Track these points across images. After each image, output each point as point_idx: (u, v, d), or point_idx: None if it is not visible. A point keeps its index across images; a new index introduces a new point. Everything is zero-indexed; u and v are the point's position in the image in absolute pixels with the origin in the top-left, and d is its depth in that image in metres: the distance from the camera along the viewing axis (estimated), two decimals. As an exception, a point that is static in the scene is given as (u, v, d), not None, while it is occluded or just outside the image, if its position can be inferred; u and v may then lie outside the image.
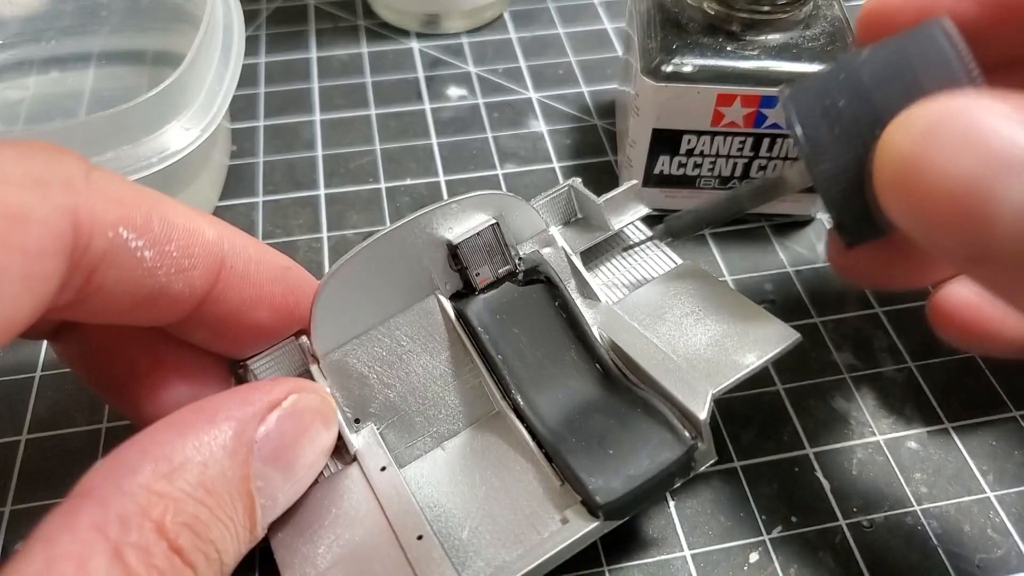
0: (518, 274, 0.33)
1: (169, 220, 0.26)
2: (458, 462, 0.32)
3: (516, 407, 0.31)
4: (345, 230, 0.46)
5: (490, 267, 0.32)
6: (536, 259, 0.33)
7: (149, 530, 0.22)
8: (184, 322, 0.28)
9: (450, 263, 0.32)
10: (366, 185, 0.48)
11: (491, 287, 0.33)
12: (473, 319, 0.32)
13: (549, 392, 0.31)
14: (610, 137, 0.51)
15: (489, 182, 0.48)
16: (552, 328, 0.33)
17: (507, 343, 0.32)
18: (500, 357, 0.32)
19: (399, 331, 0.32)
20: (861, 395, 0.39)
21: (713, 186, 0.44)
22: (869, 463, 0.36)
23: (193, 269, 0.27)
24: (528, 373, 0.32)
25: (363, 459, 0.31)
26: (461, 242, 0.31)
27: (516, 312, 0.32)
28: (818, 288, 0.43)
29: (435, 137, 0.51)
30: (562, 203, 0.36)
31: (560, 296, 0.33)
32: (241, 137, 0.51)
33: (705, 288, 0.34)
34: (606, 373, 0.32)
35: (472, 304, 0.32)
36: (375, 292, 0.31)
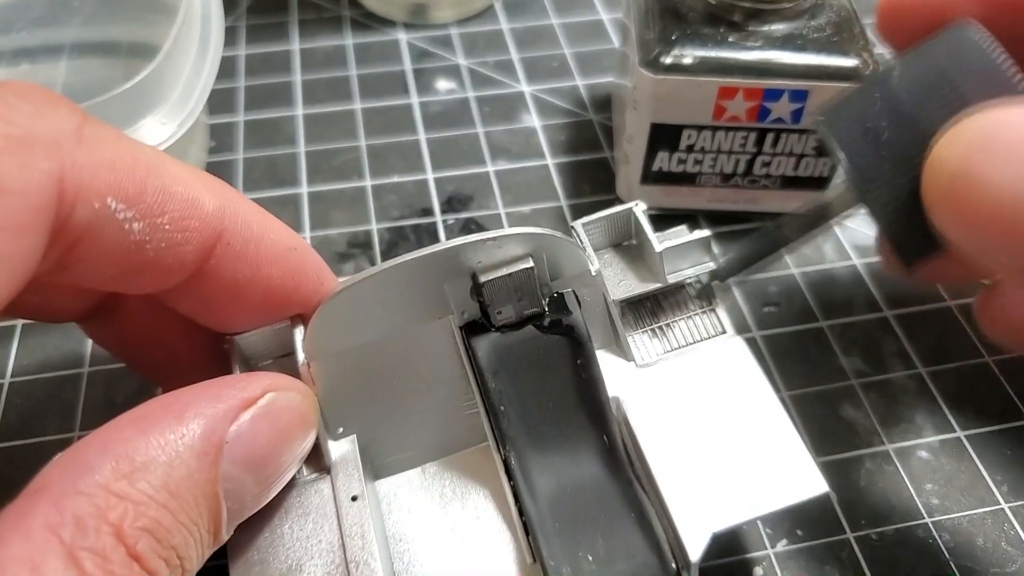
0: (544, 319, 0.31)
1: (165, 188, 0.25)
2: (435, 490, 0.32)
3: (507, 464, 0.30)
4: (328, 229, 0.46)
5: (515, 307, 0.31)
6: (569, 306, 0.32)
7: (107, 534, 0.22)
8: (169, 292, 0.28)
9: (472, 293, 0.31)
10: (350, 182, 0.48)
11: (512, 326, 0.31)
12: (483, 359, 0.31)
13: (545, 456, 0.30)
14: (606, 132, 0.51)
15: (479, 179, 0.48)
16: (566, 385, 0.31)
17: (513, 393, 0.31)
18: (502, 408, 0.30)
19: (402, 348, 0.31)
20: (870, 402, 0.39)
21: (715, 183, 0.44)
22: (878, 473, 0.36)
23: (186, 244, 0.26)
24: (527, 429, 0.31)
25: (337, 476, 0.30)
26: (488, 280, 0.30)
27: (531, 360, 0.31)
28: (824, 291, 0.43)
29: (423, 132, 0.51)
30: (618, 224, 0.34)
31: (584, 354, 0.31)
32: (220, 132, 0.51)
33: (747, 385, 0.32)
34: (611, 450, 0.31)
35: (485, 341, 0.31)
36: (384, 309, 0.30)
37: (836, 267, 0.44)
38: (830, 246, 0.45)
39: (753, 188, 0.44)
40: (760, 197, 0.45)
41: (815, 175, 0.43)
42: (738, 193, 0.44)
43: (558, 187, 0.48)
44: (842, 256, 0.45)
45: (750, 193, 0.44)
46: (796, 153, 0.42)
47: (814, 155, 0.42)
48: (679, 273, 0.33)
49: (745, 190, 0.44)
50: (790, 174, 0.43)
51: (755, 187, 0.44)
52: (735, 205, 0.45)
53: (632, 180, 0.44)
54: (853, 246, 0.45)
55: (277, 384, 0.27)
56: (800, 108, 0.40)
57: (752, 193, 0.44)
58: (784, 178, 0.44)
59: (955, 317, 0.42)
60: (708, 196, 0.45)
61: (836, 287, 0.43)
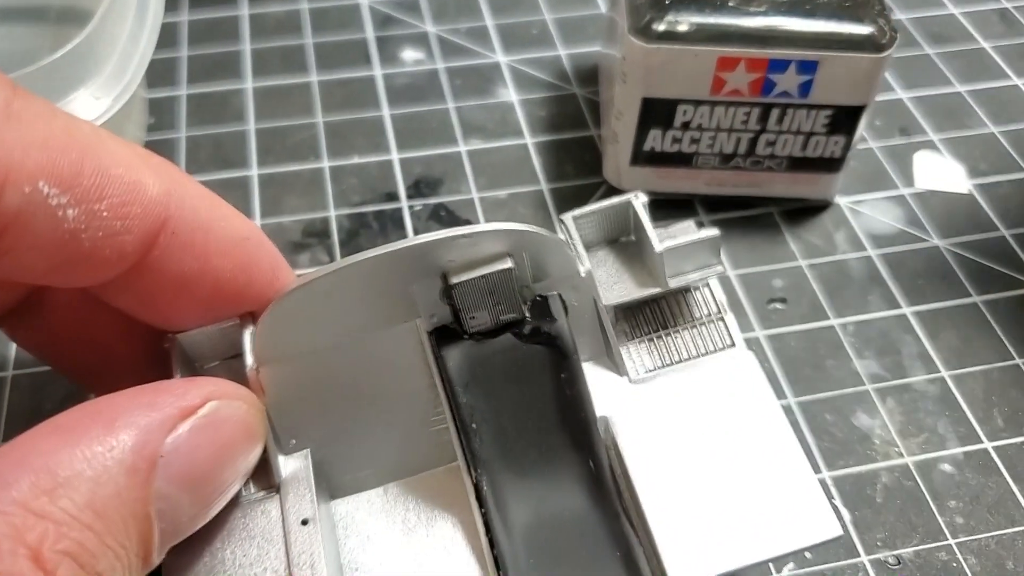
0: (524, 326, 0.31)
1: (104, 170, 0.24)
2: (398, 515, 0.31)
3: (477, 489, 0.30)
4: (282, 216, 0.46)
5: (490, 312, 0.30)
6: (553, 312, 0.31)
7: (23, 557, 0.21)
8: (105, 285, 0.27)
9: (442, 295, 0.30)
10: (306, 164, 0.48)
11: (487, 334, 0.31)
12: (453, 370, 0.30)
13: (522, 481, 0.30)
14: (592, 108, 0.51)
15: (450, 160, 0.48)
16: (548, 402, 0.31)
17: (486, 409, 0.30)
18: (473, 426, 0.30)
19: (363, 354, 0.31)
20: (887, 409, 0.39)
21: (713, 165, 0.44)
22: (896, 489, 0.36)
23: (127, 233, 0.25)
24: (502, 451, 0.30)
25: (286, 496, 0.30)
26: (460, 282, 0.29)
27: (508, 372, 0.30)
28: (837, 284, 0.43)
29: (387, 108, 0.51)
30: (614, 218, 0.33)
31: (569, 367, 0.31)
32: (160, 108, 0.51)
33: (756, 409, 0.32)
34: (597, 478, 0.30)
35: (456, 350, 0.30)
36: (343, 310, 0.30)
37: (849, 258, 0.44)
38: (842, 234, 0.45)
39: (756, 170, 0.44)
40: (764, 180, 0.45)
41: (825, 155, 0.43)
42: (739, 176, 0.44)
43: (538, 169, 0.48)
44: (855, 246, 0.45)
45: (753, 176, 0.44)
46: (804, 131, 0.42)
47: (825, 133, 0.42)
48: (682, 276, 0.32)
49: (747, 172, 0.44)
50: (798, 155, 0.43)
51: (758, 169, 0.44)
52: (736, 189, 0.45)
53: (621, 161, 0.44)
54: (868, 234, 0.45)
55: (221, 391, 0.27)
56: (809, 81, 0.40)
57: (755, 176, 0.44)
58: (791, 159, 0.44)
59: (982, 314, 0.42)
60: (706, 179, 0.45)
61: (849, 280, 0.43)
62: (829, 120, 0.42)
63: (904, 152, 0.49)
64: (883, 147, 0.50)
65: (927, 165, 0.49)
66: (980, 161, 0.49)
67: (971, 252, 0.44)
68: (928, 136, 0.50)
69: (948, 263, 0.44)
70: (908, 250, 0.45)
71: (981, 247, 0.45)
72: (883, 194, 0.47)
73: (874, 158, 0.49)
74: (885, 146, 0.50)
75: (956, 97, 0.52)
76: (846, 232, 0.46)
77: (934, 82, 0.53)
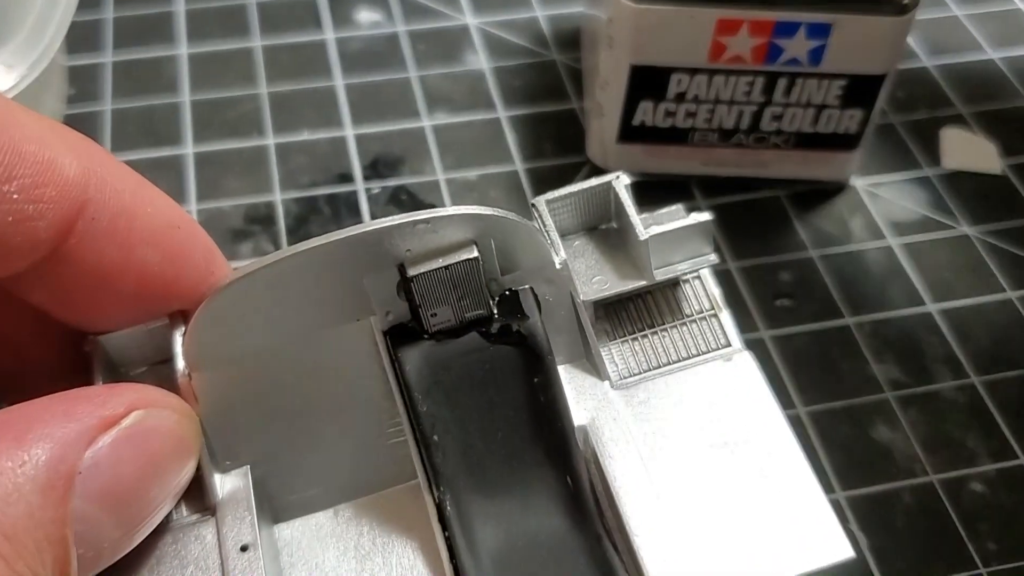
0: (492, 324, 0.31)
1: (14, 147, 0.24)
2: (350, 539, 0.31)
3: (441, 510, 0.30)
4: (221, 200, 0.46)
5: (454, 309, 0.30)
6: (525, 308, 0.31)
7: None
8: (16, 277, 0.27)
9: (399, 289, 0.30)
10: (248, 141, 0.48)
11: (450, 333, 0.31)
12: (412, 374, 0.30)
13: (491, 500, 0.30)
14: (574, 77, 0.51)
15: (412, 136, 0.48)
16: (519, 410, 0.31)
17: (450, 418, 0.30)
18: (435, 438, 0.30)
19: (310, 358, 0.30)
20: (909, 421, 0.39)
21: (711, 142, 0.44)
22: (920, 511, 0.36)
23: (39, 219, 0.25)
24: (468, 466, 0.30)
25: (223, 519, 0.30)
26: (419, 274, 0.29)
27: (474, 377, 0.30)
28: (851, 278, 0.43)
29: (340, 77, 0.51)
30: (593, 202, 0.33)
31: (543, 371, 0.31)
32: (82, 77, 0.51)
33: (755, 417, 0.32)
34: (575, 496, 0.30)
35: (415, 352, 0.30)
36: (287, 306, 0.29)
37: (866, 248, 0.44)
38: (859, 221, 0.45)
39: (761, 148, 0.44)
40: (769, 160, 0.45)
41: (839, 131, 0.43)
42: (741, 155, 0.44)
43: (513, 147, 0.48)
44: (874, 234, 0.45)
45: (756, 155, 0.44)
46: (815, 104, 0.42)
47: (839, 106, 0.42)
48: (671, 268, 0.32)
49: (750, 151, 0.44)
50: (808, 130, 0.43)
51: (763, 147, 0.44)
52: (737, 170, 0.45)
53: (607, 138, 0.44)
54: (888, 221, 0.45)
55: (147, 399, 0.27)
56: (820, 46, 0.40)
57: (759, 154, 0.44)
58: (800, 136, 0.43)
59: (1017, 312, 0.42)
60: (703, 158, 0.45)
61: (866, 274, 0.43)
62: (844, 91, 0.42)
63: (929, 128, 0.49)
64: (905, 122, 0.49)
65: (955, 142, 0.48)
66: (1015, 138, 0.49)
67: (1005, 241, 0.44)
68: (957, 109, 0.50)
69: (979, 253, 0.44)
70: (934, 239, 0.44)
71: (1017, 235, 0.45)
72: (905, 175, 0.47)
73: (895, 135, 0.49)
74: (908, 121, 0.49)
75: (989, 65, 0.52)
76: (863, 218, 0.45)
77: (964, 48, 0.53)
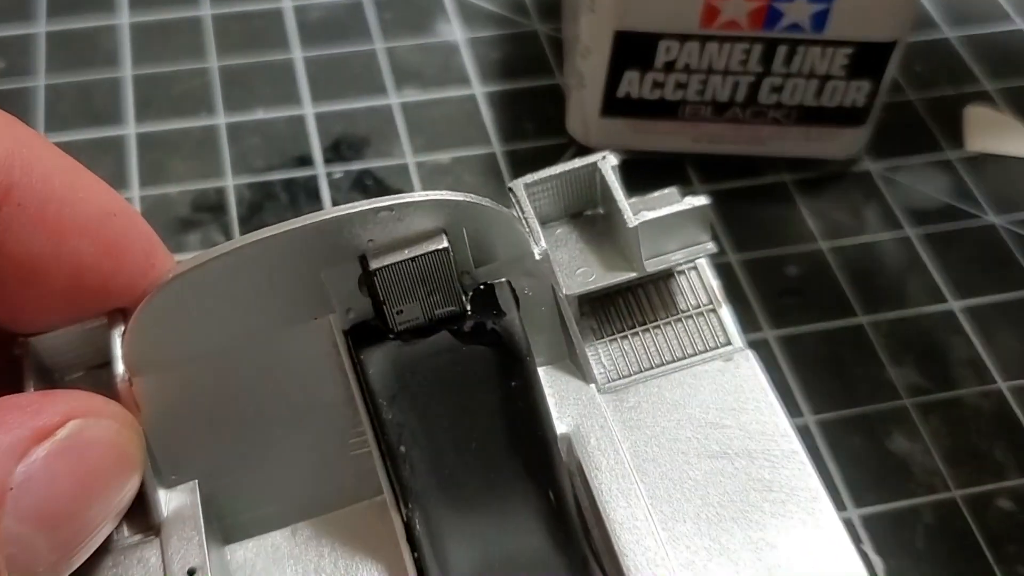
0: (465, 322, 0.31)
1: None
2: (309, 561, 0.31)
3: (409, 528, 0.30)
4: (166, 186, 0.45)
5: (421, 305, 0.30)
6: (501, 304, 0.31)
7: None
8: None
9: (361, 283, 0.30)
10: (196, 120, 0.48)
11: (418, 332, 0.30)
12: (376, 378, 0.30)
13: (465, 518, 0.30)
14: (557, 49, 0.51)
15: (378, 115, 0.48)
16: (496, 418, 0.30)
17: (419, 427, 0.30)
18: (402, 449, 0.30)
19: (263, 361, 0.30)
20: (930, 430, 0.38)
21: (705, 116, 0.44)
22: (942, 531, 0.36)
23: None
24: (439, 480, 0.30)
25: (169, 540, 0.29)
26: (383, 267, 0.29)
27: (445, 381, 0.30)
28: (865, 272, 0.43)
29: (299, 48, 0.51)
30: (577, 185, 0.33)
31: (521, 374, 0.31)
32: (11, 49, 0.50)
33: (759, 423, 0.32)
34: (558, 513, 0.30)
35: (379, 353, 0.30)
36: (237, 304, 0.29)
37: (881, 239, 0.44)
38: (873, 209, 0.45)
39: (758, 123, 0.44)
40: (768, 136, 0.45)
41: (845, 105, 0.43)
42: (737, 130, 0.45)
43: (489, 126, 0.48)
44: (889, 223, 0.44)
45: (754, 130, 0.45)
46: (819, 74, 0.42)
47: (844, 77, 0.42)
48: (664, 258, 0.32)
49: (747, 126, 0.44)
50: (810, 103, 0.43)
51: (761, 122, 0.44)
52: (734, 147, 0.45)
53: (588, 112, 0.44)
54: (905, 209, 0.45)
55: (85, 407, 0.26)
56: (824, 10, 0.40)
57: (757, 130, 0.44)
58: (801, 109, 0.43)
59: None
60: (695, 134, 0.45)
61: (882, 267, 0.43)
62: (850, 60, 0.42)
63: (952, 106, 0.49)
64: (925, 99, 0.49)
65: (981, 122, 0.48)
66: (1047, 117, 0.48)
67: (1036, 231, 0.44)
68: (982, 85, 0.49)
69: (1007, 245, 0.43)
70: (956, 229, 0.44)
71: (1049, 225, 0.44)
72: (925, 158, 0.47)
73: (913, 113, 0.48)
74: (927, 98, 0.49)
75: (1017, 36, 0.52)
76: (878, 206, 0.45)
77: (990, 17, 0.53)
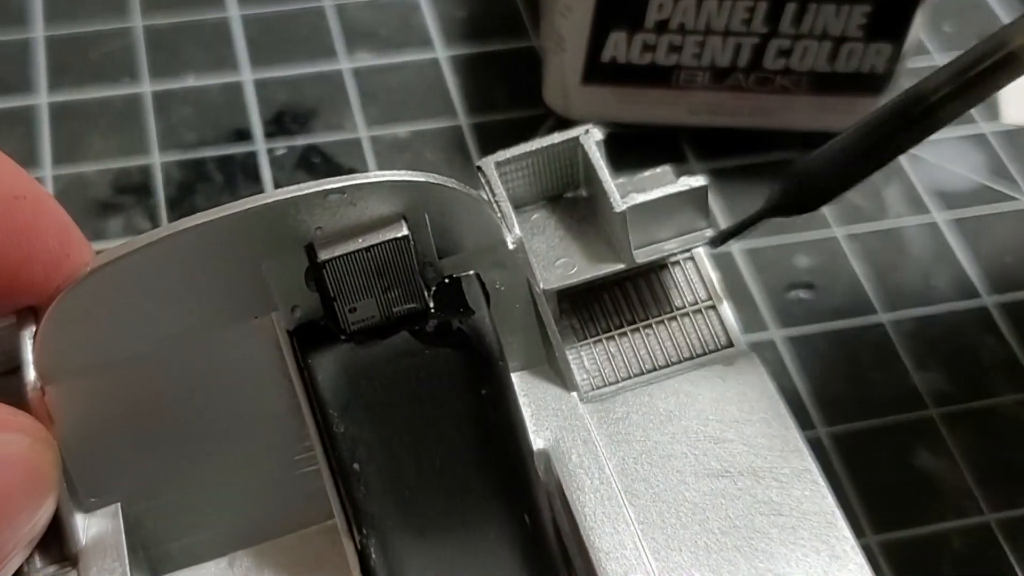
0: (428, 321, 0.30)
1: None
2: None
3: (363, 557, 0.29)
4: (83, 164, 0.45)
5: (378, 302, 0.29)
6: (470, 300, 0.30)
7: None
8: None
9: (308, 277, 0.29)
10: (118, 88, 0.48)
11: (374, 332, 0.30)
12: (325, 386, 0.29)
13: (428, 545, 0.29)
14: (531, 4, 0.51)
15: (327, 82, 0.48)
16: (463, 430, 0.30)
17: (375, 442, 0.29)
18: (356, 467, 0.29)
19: (195, 367, 0.29)
20: (960, 445, 0.38)
21: (703, 83, 0.43)
22: (973, 559, 0.36)
23: None
24: (398, 502, 0.29)
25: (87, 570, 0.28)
26: (333, 258, 0.28)
27: (405, 389, 0.30)
28: (886, 263, 0.43)
29: (235, 5, 0.50)
30: (556, 164, 0.33)
31: (493, 380, 0.30)
32: None
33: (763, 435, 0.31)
34: (535, 539, 0.29)
35: (329, 357, 0.30)
36: (165, 301, 0.28)
37: (905, 225, 0.44)
38: (895, 191, 0.44)
39: (764, 92, 0.44)
40: (775, 107, 0.45)
41: (864, 70, 0.42)
42: (740, 100, 0.45)
43: (455, 95, 0.48)
44: (914, 207, 0.44)
45: (759, 100, 0.45)
46: (833, 35, 0.41)
47: (862, 38, 0.41)
48: (656, 247, 0.32)
49: (751, 95, 0.44)
50: (823, 68, 0.43)
51: (767, 90, 0.44)
52: (736, 120, 0.45)
53: (568, 79, 0.44)
54: (933, 191, 0.44)
55: None
56: None
57: (762, 100, 0.45)
58: (813, 75, 0.43)
59: None
60: (691, 105, 0.45)
61: (905, 258, 0.42)
62: (868, 19, 0.41)
63: (984, 72, 0.48)
64: (954, 64, 0.48)
65: (1019, 91, 0.47)
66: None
67: (1081, 216, 0.44)
68: (1019, 48, 0.49)
69: None
70: (991, 213, 0.44)
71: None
72: (955, 133, 0.46)
73: (940, 80, 0.47)
74: (957, 63, 0.48)
75: (1057, -7, 0.51)
76: (900, 187, 0.44)
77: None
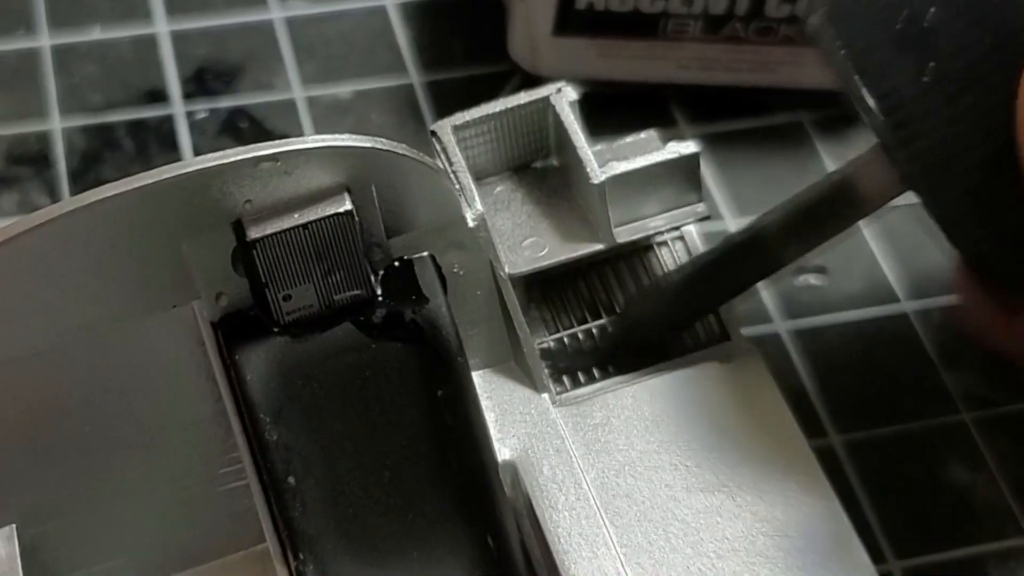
0: (375, 310, 0.30)
1: None
2: None
3: None
4: None
5: (317, 288, 0.29)
6: (424, 287, 0.31)
7: None
8: None
9: (236, 259, 0.29)
10: (12, 41, 0.48)
11: (312, 324, 0.29)
12: (254, 386, 0.29)
13: (375, 572, 0.29)
14: None
15: (256, 34, 0.48)
16: (416, 439, 0.30)
17: (313, 451, 0.30)
18: (291, 480, 0.29)
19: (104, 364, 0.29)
20: (996, 456, 0.39)
21: (694, 35, 0.44)
22: None
23: None
24: (340, 521, 0.29)
25: None
26: (264, 236, 0.28)
27: (348, 390, 0.30)
28: (910, 244, 0.43)
29: None
30: (522, 127, 0.33)
31: (451, 380, 0.30)
32: None
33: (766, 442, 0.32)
34: (501, 562, 0.30)
35: (259, 353, 0.30)
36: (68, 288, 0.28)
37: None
38: None
39: (766, 43, 0.45)
40: (779, 61, 0.45)
41: None
42: (738, 53, 0.45)
43: (405, 49, 0.48)
44: None
45: (760, 53, 0.45)
46: None
47: None
48: (639, 224, 0.33)
49: (751, 47, 0.45)
50: None
51: (769, 41, 0.45)
52: (734, 76, 0.46)
53: (537, 28, 0.45)
54: None
55: None
56: None
57: (764, 53, 0.45)
58: None
59: None
60: (681, 59, 0.45)
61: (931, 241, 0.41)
62: None
63: None
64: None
65: None
66: None
67: None
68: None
69: None
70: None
71: None
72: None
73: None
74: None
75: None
76: None
77: None
